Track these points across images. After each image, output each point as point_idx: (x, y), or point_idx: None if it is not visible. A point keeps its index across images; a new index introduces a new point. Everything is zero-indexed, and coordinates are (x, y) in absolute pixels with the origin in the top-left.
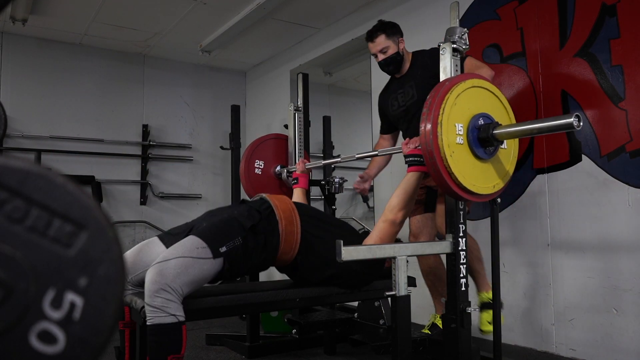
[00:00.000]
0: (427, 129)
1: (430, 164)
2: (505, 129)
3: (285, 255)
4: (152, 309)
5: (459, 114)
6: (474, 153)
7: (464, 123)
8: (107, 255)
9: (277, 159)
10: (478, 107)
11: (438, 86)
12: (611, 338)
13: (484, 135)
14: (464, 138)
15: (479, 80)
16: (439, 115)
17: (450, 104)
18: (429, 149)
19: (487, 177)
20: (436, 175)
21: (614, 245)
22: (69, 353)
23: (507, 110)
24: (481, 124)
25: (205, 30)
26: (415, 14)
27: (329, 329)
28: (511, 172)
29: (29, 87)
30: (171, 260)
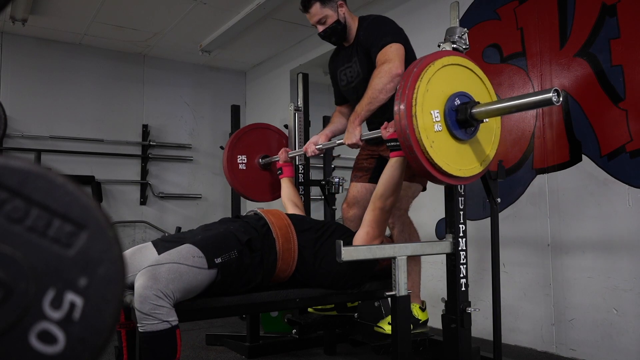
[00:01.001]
0: (403, 124)
1: (412, 158)
2: (484, 107)
3: (282, 272)
4: (144, 316)
5: (433, 99)
6: (454, 136)
7: (439, 108)
8: (107, 255)
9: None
10: (453, 86)
11: (407, 73)
12: (611, 338)
13: (462, 117)
14: (442, 124)
15: (451, 57)
16: (412, 107)
17: (422, 91)
18: (407, 144)
19: (473, 157)
20: (420, 168)
21: (614, 245)
22: (69, 353)
23: (485, 85)
24: (458, 104)
25: (205, 30)
26: (415, 14)
27: (329, 329)
28: (497, 145)
29: (29, 87)
30: (164, 264)
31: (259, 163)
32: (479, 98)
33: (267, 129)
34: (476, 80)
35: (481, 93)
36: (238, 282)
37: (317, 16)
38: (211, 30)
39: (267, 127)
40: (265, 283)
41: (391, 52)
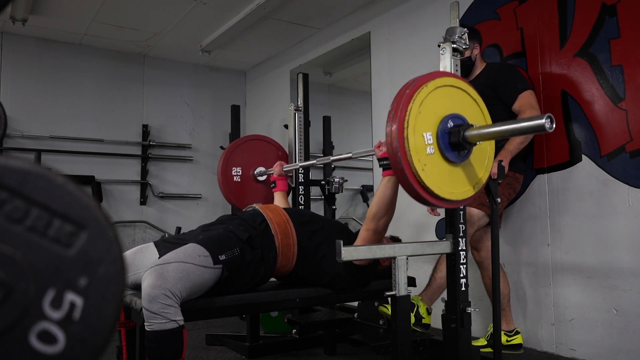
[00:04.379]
0: (394, 146)
1: (403, 181)
2: (477, 130)
3: (283, 267)
4: (152, 315)
5: (426, 121)
6: (447, 159)
7: (432, 130)
8: (107, 255)
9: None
10: (447, 107)
11: (399, 94)
12: (611, 338)
13: (455, 140)
14: (434, 147)
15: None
16: (404, 130)
17: (415, 113)
18: (399, 167)
19: (465, 180)
20: (411, 191)
21: (614, 245)
22: (69, 353)
23: (479, 107)
24: (451, 126)
25: (205, 30)
26: (415, 14)
27: (329, 329)
28: (490, 168)
29: (29, 87)
30: (172, 263)
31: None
32: (473, 120)
33: (263, 141)
34: (470, 102)
35: (475, 115)
36: (242, 278)
37: None
38: (211, 30)
39: (263, 139)
40: (267, 278)
41: (532, 99)
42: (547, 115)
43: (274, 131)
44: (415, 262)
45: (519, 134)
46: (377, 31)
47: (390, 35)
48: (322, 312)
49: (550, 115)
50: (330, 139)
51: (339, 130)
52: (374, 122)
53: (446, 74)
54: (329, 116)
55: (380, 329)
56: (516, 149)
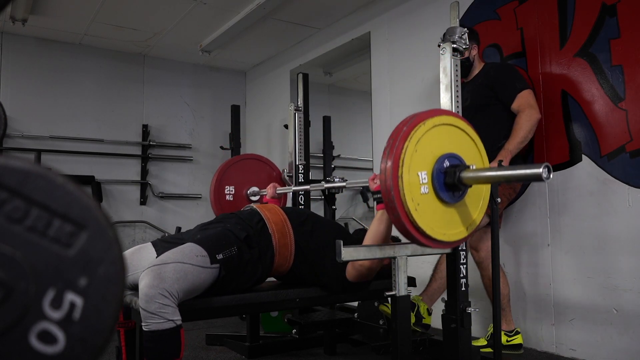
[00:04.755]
0: (388, 184)
1: (395, 219)
2: (473, 173)
3: (280, 267)
4: (149, 315)
5: (421, 160)
6: (441, 199)
7: (427, 169)
8: (107, 255)
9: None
10: (444, 147)
11: (396, 131)
12: (611, 338)
13: (450, 180)
14: (429, 186)
15: (444, 117)
16: (398, 168)
17: (411, 152)
18: (391, 205)
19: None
20: (402, 230)
21: (614, 245)
22: (68, 353)
23: (477, 147)
24: (447, 166)
25: (205, 30)
26: (415, 14)
27: (329, 329)
28: (484, 209)
29: (29, 87)
30: (170, 264)
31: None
32: (470, 160)
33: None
34: (468, 142)
35: (472, 155)
36: (240, 277)
37: None
38: (211, 30)
39: (258, 159)
40: (265, 277)
41: (531, 98)
42: (544, 165)
43: (274, 131)
44: (415, 261)
45: (516, 180)
46: (377, 31)
47: (390, 35)
48: (322, 312)
49: (547, 165)
50: (330, 139)
51: (339, 130)
52: (374, 122)
53: (445, 112)
54: (329, 116)
55: (380, 329)
56: (516, 148)
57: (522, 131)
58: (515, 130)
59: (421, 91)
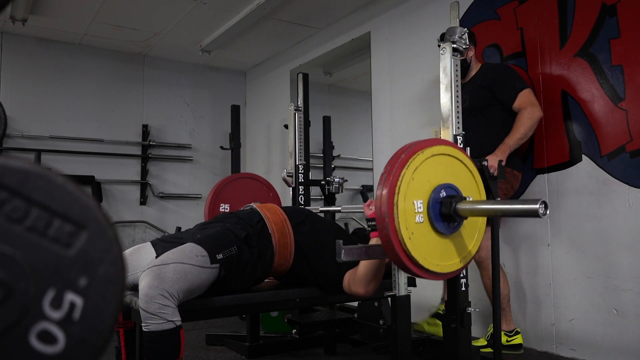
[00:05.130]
0: (383, 211)
1: (388, 247)
2: (469, 205)
3: (280, 266)
4: (149, 315)
5: (418, 188)
6: (435, 230)
7: (424, 198)
8: (107, 255)
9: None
10: (441, 177)
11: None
12: (611, 338)
13: (446, 211)
14: (424, 216)
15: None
16: (394, 195)
17: (407, 180)
18: (385, 232)
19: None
20: (395, 259)
21: (614, 245)
22: (68, 353)
23: (475, 179)
24: (443, 196)
25: (205, 30)
26: (415, 14)
27: (329, 329)
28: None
29: (29, 87)
30: (170, 264)
31: None
32: (467, 192)
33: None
34: (466, 173)
35: (470, 187)
36: (240, 277)
37: None
38: (211, 30)
39: (254, 178)
40: (265, 277)
41: (532, 96)
42: (541, 201)
43: (274, 131)
44: None
45: (511, 215)
46: (377, 31)
47: (390, 35)
48: (322, 312)
49: (544, 201)
50: (330, 139)
51: (339, 130)
52: (374, 122)
53: (444, 142)
54: (329, 116)
55: (380, 329)
56: (516, 144)
57: (523, 127)
58: (516, 126)
59: (421, 91)
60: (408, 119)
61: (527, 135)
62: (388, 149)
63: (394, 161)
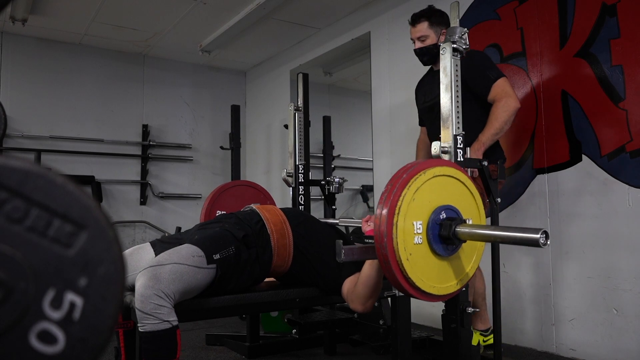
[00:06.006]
0: (382, 230)
1: (386, 267)
2: (469, 229)
3: (279, 267)
4: (145, 315)
5: (418, 209)
6: (434, 251)
7: (423, 219)
8: (107, 255)
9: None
10: (442, 198)
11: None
12: (611, 338)
13: (445, 233)
14: (423, 237)
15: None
16: (394, 215)
17: (408, 200)
18: (383, 252)
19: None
20: (392, 279)
21: (614, 246)
22: (68, 353)
23: (475, 202)
24: (443, 218)
25: (205, 30)
26: None
27: (329, 329)
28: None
29: (29, 87)
30: (166, 265)
31: None
32: (467, 214)
33: (251, 187)
34: (467, 195)
35: (470, 210)
36: (237, 277)
37: (420, 33)
38: (211, 30)
39: (251, 186)
40: (263, 278)
41: (507, 86)
42: (542, 231)
43: (274, 131)
44: None
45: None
46: (377, 31)
47: (390, 35)
48: (322, 312)
49: (545, 231)
50: (330, 139)
51: (339, 130)
52: (374, 122)
53: (446, 163)
54: (329, 116)
55: (380, 329)
56: (490, 140)
57: (497, 122)
58: (490, 121)
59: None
60: (408, 119)
61: (503, 129)
62: (388, 149)
63: (395, 181)
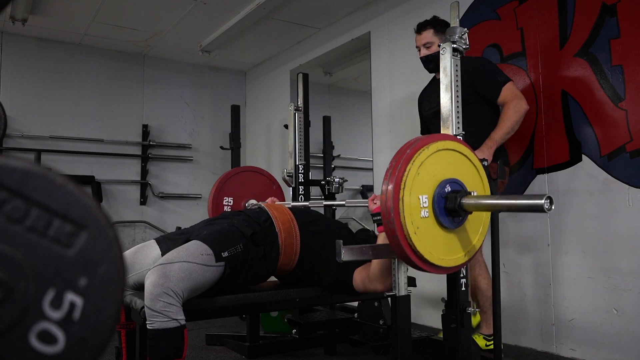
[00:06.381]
0: (389, 206)
1: (394, 242)
2: (474, 200)
3: (284, 266)
4: (154, 313)
5: (423, 183)
6: (440, 224)
7: (429, 193)
8: (107, 255)
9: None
10: (446, 172)
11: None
12: (611, 338)
13: (451, 206)
14: (429, 210)
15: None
16: (400, 190)
17: (413, 175)
18: (391, 227)
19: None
20: (401, 253)
21: (614, 245)
22: (68, 353)
23: (479, 174)
24: (448, 191)
25: (205, 30)
26: (415, 14)
27: (329, 329)
28: (484, 235)
29: (29, 87)
30: (175, 263)
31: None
32: (472, 187)
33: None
34: (470, 168)
35: (474, 182)
36: (245, 274)
37: (425, 40)
38: (211, 30)
39: (257, 171)
40: (268, 276)
41: (515, 89)
42: (546, 196)
43: (274, 131)
44: None
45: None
46: (377, 31)
47: (390, 35)
48: (322, 312)
49: (549, 197)
50: (330, 139)
51: (339, 130)
52: (374, 122)
53: (449, 137)
54: (329, 116)
55: (380, 329)
56: (502, 138)
57: (509, 121)
58: (502, 120)
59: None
60: (408, 119)
61: (514, 129)
62: (388, 149)
63: (399, 156)
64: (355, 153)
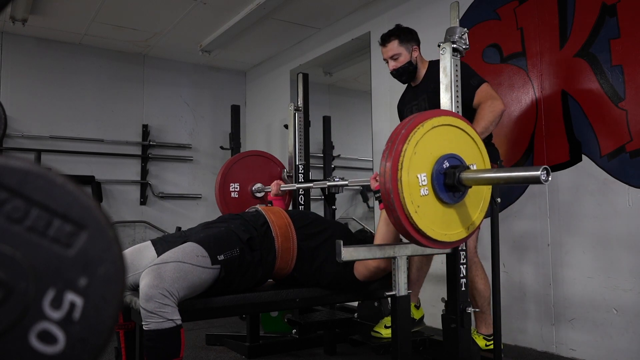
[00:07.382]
0: (387, 187)
1: (396, 222)
2: (473, 174)
3: (282, 270)
4: (149, 314)
5: (421, 162)
6: (440, 200)
7: (427, 171)
8: (107, 255)
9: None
10: (443, 147)
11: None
12: (611, 338)
13: (450, 181)
14: (428, 188)
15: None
16: (397, 171)
17: (409, 154)
18: (391, 208)
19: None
20: (403, 232)
21: (614, 245)
22: (68, 353)
23: (478, 147)
24: (447, 167)
25: (205, 30)
26: (415, 14)
27: (329, 329)
28: (485, 210)
29: (29, 87)
30: (170, 263)
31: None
32: (471, 160)
33: (263, 157)
34: (469, 141)
35: (473, 155)
36: (240, 278)
37: (392, 52)
38: (211, 30)
39: (263, 155)
40: (265, 280)
41: (490, 90)
42: (543, 167)
43: (274, 131)
44: None
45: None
46: (377, 31)
47: None
48: (322, 312)
49: (546, 168)
50: (330, 139)
51: (339, 130)
52: (374, 122)
53: (444, 112)
54: (329, 116)
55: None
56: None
57: (483, 121)
58: (476, 120)
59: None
60: None
61: (489, 129)
62: None
63: (394, 137)
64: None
